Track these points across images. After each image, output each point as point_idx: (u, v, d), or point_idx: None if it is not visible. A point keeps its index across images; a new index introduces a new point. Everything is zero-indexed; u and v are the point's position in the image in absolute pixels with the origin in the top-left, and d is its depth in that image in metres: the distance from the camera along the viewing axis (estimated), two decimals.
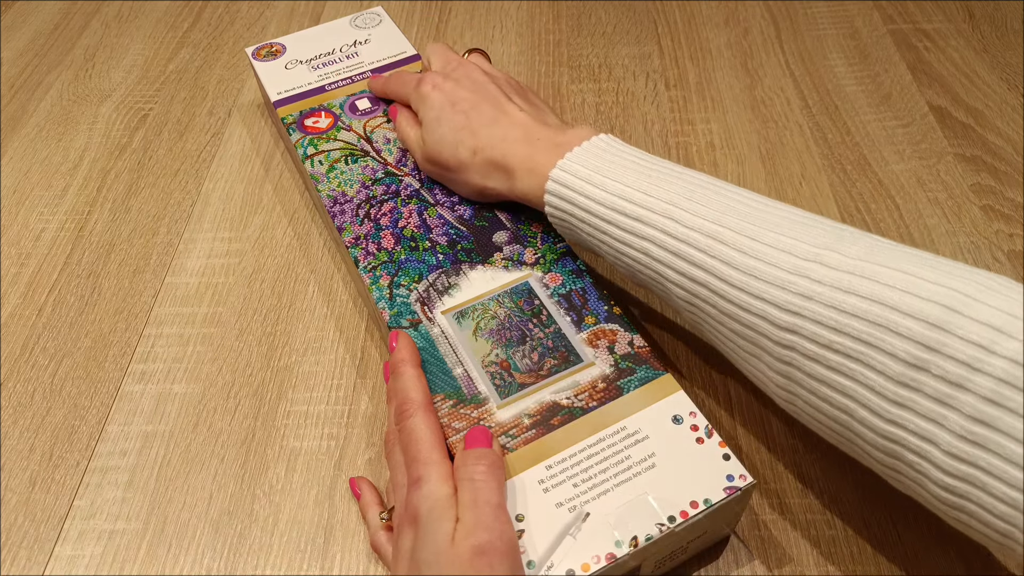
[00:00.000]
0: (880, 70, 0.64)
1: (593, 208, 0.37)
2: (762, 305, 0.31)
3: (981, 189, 0.54)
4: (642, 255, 0.36)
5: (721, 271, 0.33)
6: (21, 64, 0.69)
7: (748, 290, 0.32)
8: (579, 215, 0.38)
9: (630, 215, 0.36)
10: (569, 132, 0.41)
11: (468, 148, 0.42)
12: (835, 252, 0.31)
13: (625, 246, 0.37)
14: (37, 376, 0.47)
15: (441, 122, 0.44)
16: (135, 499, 0.41)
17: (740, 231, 0.33)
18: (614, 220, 0.37)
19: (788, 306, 0.31)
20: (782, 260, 0.31)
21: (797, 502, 0.40)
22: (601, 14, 0.71)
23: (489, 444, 0.34)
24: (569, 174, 0.38)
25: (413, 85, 0.47)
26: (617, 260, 0.38)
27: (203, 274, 0.51)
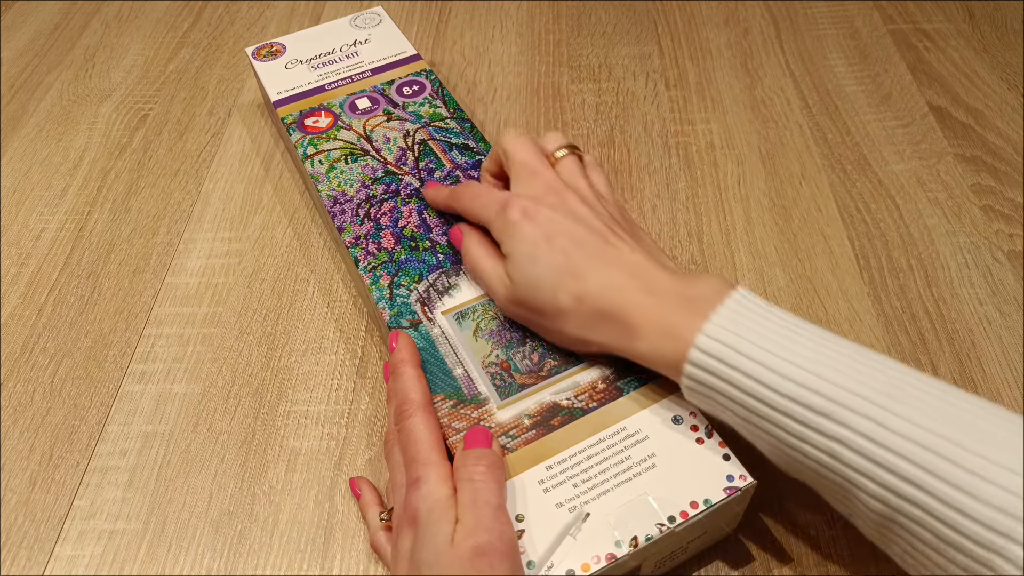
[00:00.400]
0: (880, 70, 0.64)
1: (757, 391, 0.31)
2: (971, 525, 0.27)
3: (981, 189, 0.54)
4: (825, 456, 0.30)
5: (935, 488, 0.27)
6: (21, 64, 0.69)
7: (963, 509, 0.27)
8: (734, 395, 0.31)
9: (815, 408, 0.29)
10: (697, 283, 0.34)
11: (571, 294, 0.35)
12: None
13: (800, 441, 0.30)
14: (37, 376, 0.46)
15: (537, 261, 0.36)
16: (135, 499, 0.41)
17: (956, 441, 0.28)
18: (789, 411, 0.30)
19: (997, 526, 0.27)
20: (1001, 477, 0.27)
21: (797, 502, 0.40)
22: (601, 14, 0.71)
23: (489, 444, 0.34)
24: (722, 343, 0.31)
25: (496, 208, 0.39)
26: (778, 451, 0.32)
27: (203, 274, 0.51)
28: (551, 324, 0.37)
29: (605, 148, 0.58)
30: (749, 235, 0.52)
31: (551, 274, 0.36)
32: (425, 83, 0.55)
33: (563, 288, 0.35)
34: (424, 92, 0.54)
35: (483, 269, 0.40)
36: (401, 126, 0.52)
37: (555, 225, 0.37)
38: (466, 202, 0.42)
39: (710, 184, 0.56)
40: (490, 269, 0.39)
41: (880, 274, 0.50)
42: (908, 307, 0.48)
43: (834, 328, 0.47)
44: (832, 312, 0.48)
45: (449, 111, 0.52)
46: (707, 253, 0.51)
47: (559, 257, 0.36)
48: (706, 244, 0.52)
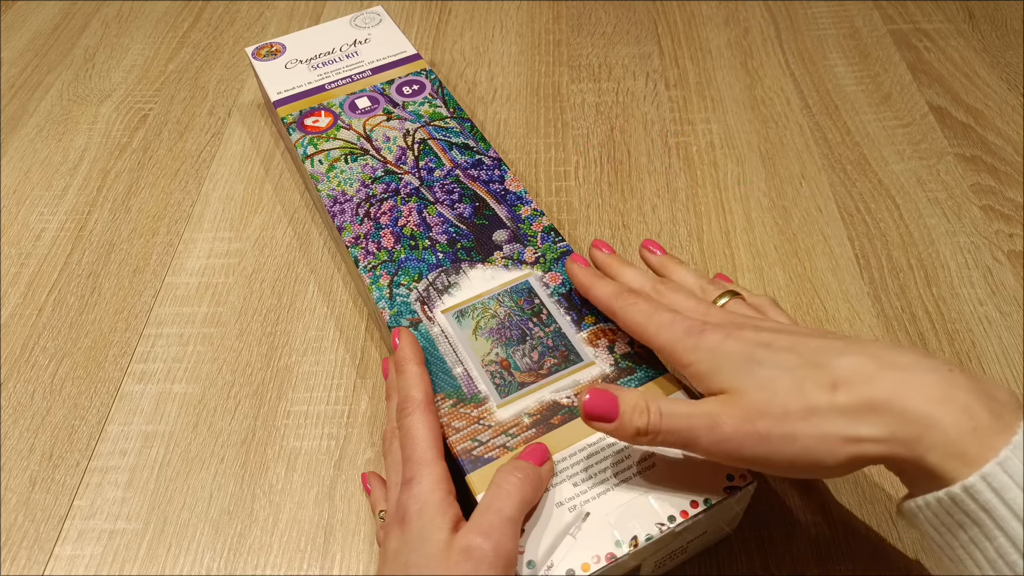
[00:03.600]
0: (880, 70, 0.64)
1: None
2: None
3: (981, 189, 0.54)
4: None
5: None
6: (21, 64, 0.69)
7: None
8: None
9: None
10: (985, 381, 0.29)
11: (819, 383, 0.29)
12: None
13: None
14: (37, 376, 0.46)
15: (762, 362, 0.31)
16: (135, 499, 0.41)
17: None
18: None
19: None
20: None
21: (797, 502, 0.40)
22: (601, 14, 0.71)
23: (539, 462, 0.33)
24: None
25: (682, 330, 0.33)
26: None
27: (203, 274, 0.51)
28: (800, 428, 0.29)
29: (605, 148, 0.58)
30: (749, 235, 0.52)
31: (784, 373, 0.30)
32: (425, 83, 0.55)
33: (809, 380, 0.29)
34: (424, 92, 0.54)
35: (678, 412, 0.31)
36: (401, 125, 0.52)
37: (765, 336, 0.32)
38: (637, 316, 0.35)
39: (710, 184, 0.56)
40: (691, 407, 0.31)
41: (880, 274, 0.50)
42: (908, 307, 0.48)
43: (834, 328, 0.47)
44: (832, 312, 0.48)
45: (449, 111, 0.52)
46: (707, 253, 0.51)
47: (786, 356, 0.31)
48: (706, 244, 0.52)
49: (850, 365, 0.29)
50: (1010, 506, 0.26)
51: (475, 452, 0.35)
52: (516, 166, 0.57)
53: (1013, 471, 0.26)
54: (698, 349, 0.32)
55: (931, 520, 0.28)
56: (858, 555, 0.38)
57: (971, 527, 0.27)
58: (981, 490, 0.26)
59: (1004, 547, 0.26)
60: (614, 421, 0.32)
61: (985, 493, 0.26)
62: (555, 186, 0.56)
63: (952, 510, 0.27)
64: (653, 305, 0.35)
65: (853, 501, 0.40)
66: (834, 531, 0.39)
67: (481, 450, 0.35)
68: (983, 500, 0.26)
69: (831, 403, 0.29)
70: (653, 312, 0.35)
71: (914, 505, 0.29)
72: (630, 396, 0.32)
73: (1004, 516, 0.26)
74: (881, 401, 0.28)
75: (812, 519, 0.39)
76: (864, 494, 0.40)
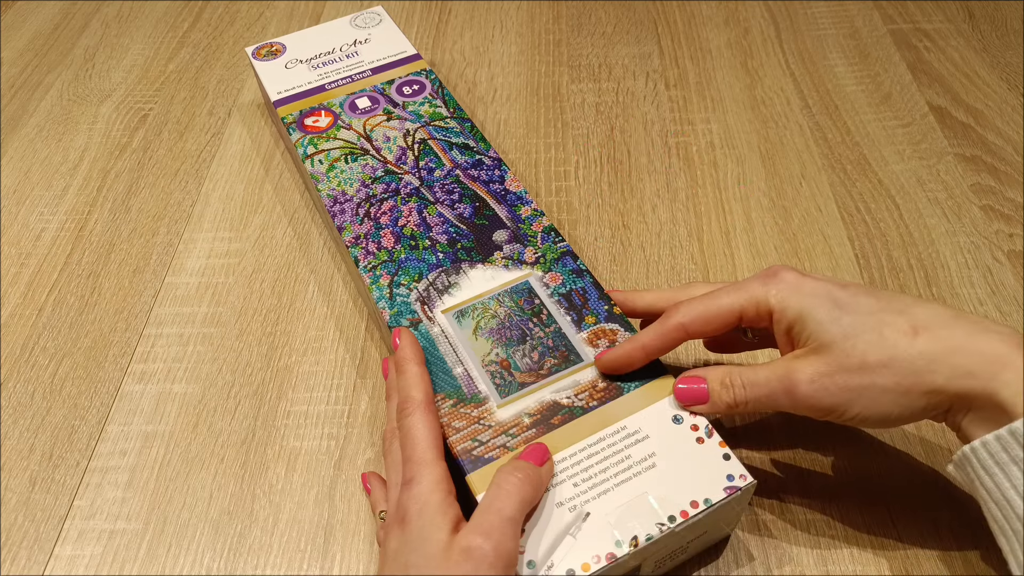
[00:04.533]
0: (880, 70, 0.64)
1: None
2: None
3: (981, 189, 0.54)
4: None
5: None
6: (21, 64, 0.69)
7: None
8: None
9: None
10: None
11: (901, 330, 0.31)
12: None
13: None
14: (37, 376, 0.46)
15: (845, 308, 0.33)
16: (135, 499, 0.41)
17: None
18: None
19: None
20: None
21: (797, 502, 0.40)
22: (601, 14, 0.71)
23: (540, 462, 0.34)
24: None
25: (758, 279, 0.35)
26: None
27: (203, 274, 0.51)
28: (878, 378, 0.31)
29: (605, 148, 0.58)
30: (749, 235, 0.52)
31: (866, 317, 0.32)
32: (425, 83, 0.55)
33: (890, 325, 0.31)
34: (424, 92, 0.54)
35: (757, 380, 0.34)
36: (401, 125, 0.52)
37: (836, 281, 0.34)
38: (721, 303, 0.36)
39: (710, 184, 0.56)
40: (768, 371, 0.34)
41: (880, 274, 0.50)
42: None
43: None
44: None
45: (449, 111, 0.52)
46: (707, 253, 0.51)
47: (866, 299, 0.33)
48: (706, 244, 0.52)
49: (929, 312, 0.32)
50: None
51: (475, 452, 0.35)
52: (516, 166, 0.57)
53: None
54: (780, 295, 0.34)
55: (985, 461, 0.30)
56: (858, 555, 0.38)
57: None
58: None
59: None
60: (707, 402, 0.35)
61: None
62: (555, 186, 0.56)
63: (1010, 445, 0.29)
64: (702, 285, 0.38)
65: (853, 501, 0.40)
66: (834, 531, 0.39)
67: (481, 450, 0.35)
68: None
69: (911, 346, 0.31)
70: (707, 290, 0.37)
71: (970, 448, 0.31)
72: (715, 374, 0.35)
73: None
74: (961, 344, 0.30)
75: (812, 519, 0.39)
76: (865, 494, 0.40)
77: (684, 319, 0.36)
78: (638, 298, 0.40)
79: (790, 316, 0.34)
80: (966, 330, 0.31)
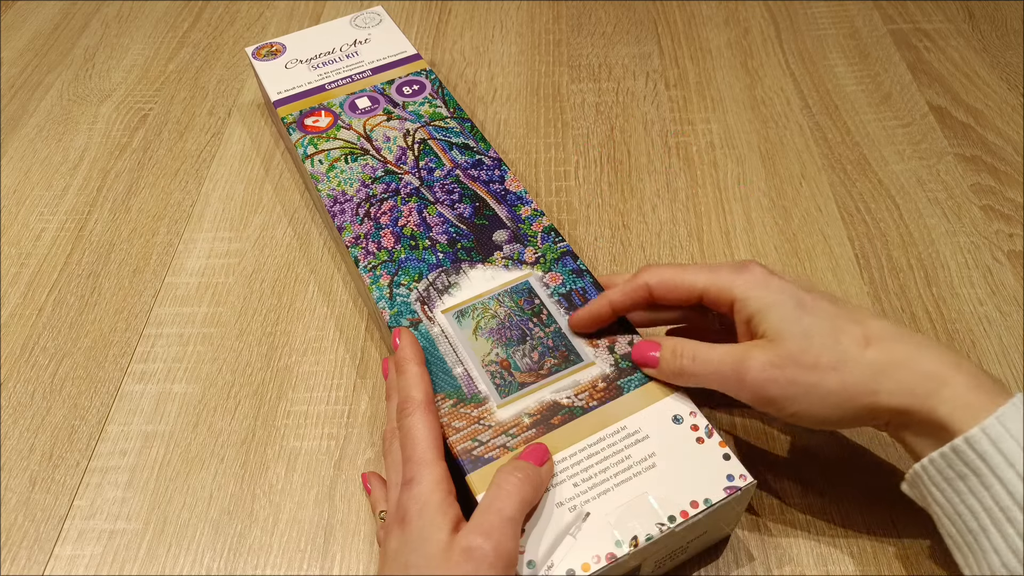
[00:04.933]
0: (880, 70, 0.64)
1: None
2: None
3: (981, 189, 0.54)
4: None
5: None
6: (21, 64, 0.69)
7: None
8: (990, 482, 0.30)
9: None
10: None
11: (854, 338, 0.33)
12: None
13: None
14: (37, 376, 0.46)
15: (805, 307, 0.34)
16: (135, 499, 0.41)
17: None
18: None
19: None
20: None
21: (797, 502, 0.40)
22: (601, 14, 0.71)
23: (540, 462, 0.34)
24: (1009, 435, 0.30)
25: (730, 268, 0.36)
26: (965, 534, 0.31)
27: (203, 274, 0.51)
28: (826, 379, 0.32)
29: (605, 148, 0.58)
30: (749, 235, 0.52)
31: (824, 321, 0.33)
32: (425, 83, 0.55)
33: (845, 332, 0.33)
34: (424, 92, 0.54)
35: (710, 358, 0.35)
36: (401, 125, 0.52)
37: (801, 285, 0.35)
38: (688, 275, 0.37)
39: (710, 184, 0.56)
40: (722, 352, 0.35)
41: (880, 274, 0.50)
42: (908, 307, 0.48)
43: None
44: None
45: (449, 111, 0.52)
46: (707, 253, 0.51)
47: (827, 305, 0.34)
48: (706, 244, 0.52)
49: (881, 326, 0.33)
50: (1006, 456, 0.29)
51: (475, 452, 0.35)
52: (516, 166, 0.57)
53: (1010, 425, 0.29)
54: (747, 279, 0.35)
55: (934, 478, 0.31)
56: (858, 555, 0.38)
57: (970, 477, 0.30)
58: (979, 439, 0.30)
59: (1000, 495, 0.29)
60: (656, 366, 0.37)
61: (983, 443, 0.29)
62: (555, 186, 0.56)
63: (954, 462, 0.30)
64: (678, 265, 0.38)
65: (853, 501, 0.40)
66: (834, 531, 0.39)
67: (481, 450, 0.35)
68: (981, 450, 0.30)
69: (862, 356, 0.32)
70: (681, 267, 0.38)
71: (919, 466, 0.32)
72: (670, 342, 0.36)
73: (999, 464, 0.29)
74: (905, 359, 0.32)
75: (812, 519, 0.39)
76: (865, 494, 0.40)
77: (651, 280, 0.37)
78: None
79: (752, 307, 0.35)
80: (911, 347, 0.32)
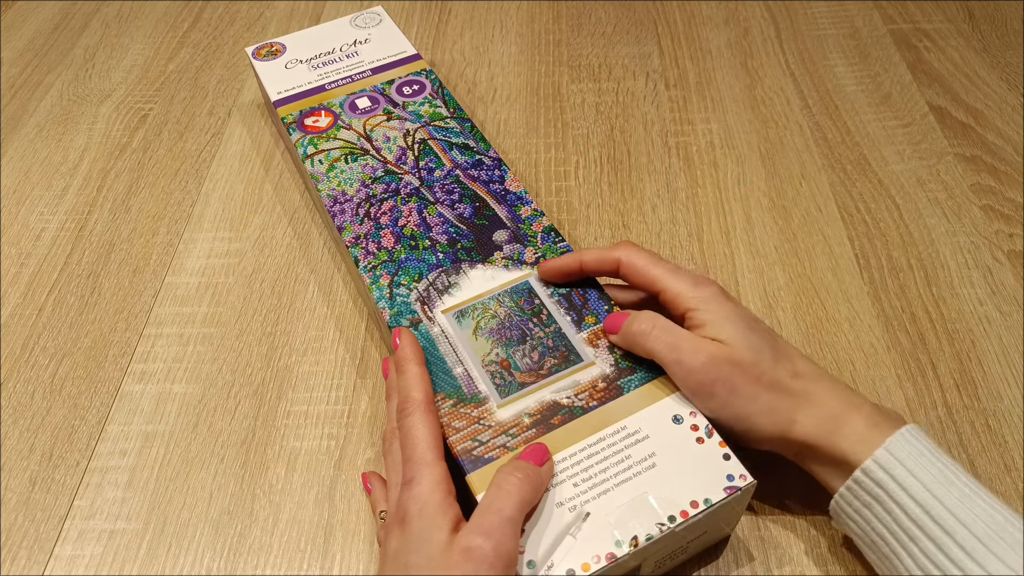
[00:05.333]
0: (880, 70, 0.64)
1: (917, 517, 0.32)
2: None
3: (981, 189, 0.54)
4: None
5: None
6: (21, 64, 0.69)
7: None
8: (895, 514, 0.32)
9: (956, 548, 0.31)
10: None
11: (788, 371, 0.36)
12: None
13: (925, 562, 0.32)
14: (37, 376, 0.46)
15: (754, 330, 0.36)
16: (135, 499, 0.41)
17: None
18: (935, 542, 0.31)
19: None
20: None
21: (797, 502, 0.40)
22: (601, 14, 0.71)
23: (540, 462, 0.34)
24: (903, 468, 0.33)
25: (689, 282, 0.38)
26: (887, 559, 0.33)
27: (203, 274, 0.51)
28: (762, 395, 0.35)
29: (605, 148, 0.58)
30: (749, 235, 0.52)
31: (767, 347, 0.36)
32: (425, 83, 0.55)
33: (780, 361, 0.36)
34: (424, 92, 0.54)
35: (679, 336, 0.36)
36: (401, 125, 0.52)
37: (749, 313, 0.38)
38: (655, 271, 0.39)
39: (710, 184, 0.56)
40: (687, 336, 0.36)
41: (880, 274, 0.50)
42: (908, 307, 0.48)
43: (834, 328, 0.47)
44: (832, 312, 0.48)
45: (449, 111, 0.52)
46: (707, 253, 0.51)
47: (768, 336, 0.37)
48: (706, 244, 0.52)
49: (805, 365, 0.36)
50: (898, 481, 0.32)
51: (475, 452, 0.35)
52: (516, 166, 0.57)
53: (898, 453, 0.33)
54: (704, 293, 0.37)
55: (846, 510, 0.34)
56: (858, 555, 0.38)
57: (874, 505, 0.33)
58: (874, 469, 0.33)
59: (900, 517, 0.32)
60: (617, 332, 0.38)
61: (878, 472, 0.33)
62: (555, 186, 0.56)
63: (858, 493, 0.33)
64: (648, 254, 0.40)
65: None
66: (834, 531, 0.39)
67: (481, 450, 0.35)
68: (877, 478, 0.33)
69: (790, 386, 0.35)
70: (651, 259, 0.40)
71: (834, 501, 0.35)
72: (638, 313, 0.38)
73: (894, 490, 0.32)
74: (817, 398, 0.35)
75: (812, 519, 0.39)
76: None
77: (623, 258, 0.40)
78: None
79: (706, 317, 0.37)
80: (822, 388, 0.35)
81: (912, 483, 0.32)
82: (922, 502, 0.32)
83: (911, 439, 0.33)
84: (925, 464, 0.32)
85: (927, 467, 0.32)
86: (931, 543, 0.31)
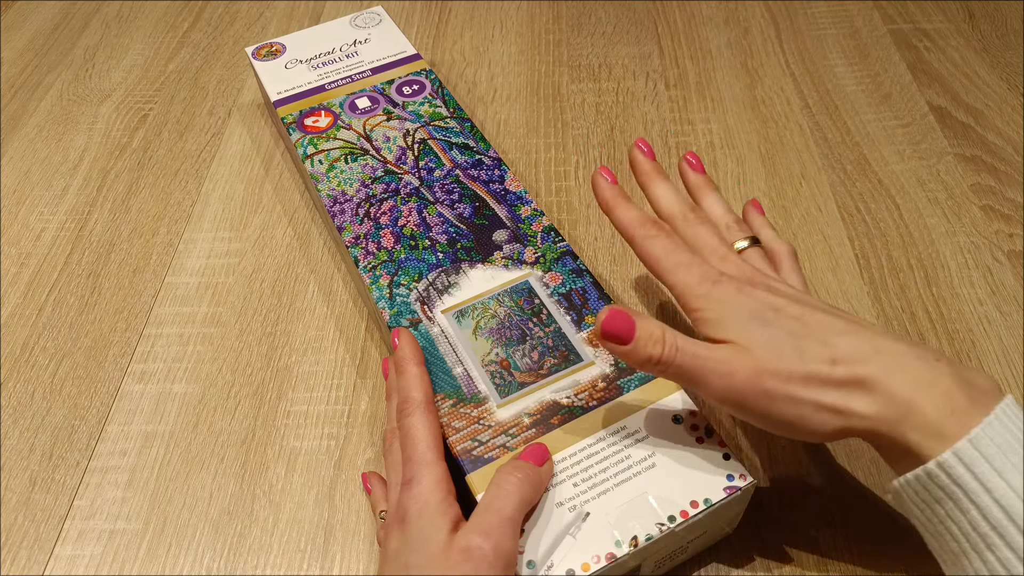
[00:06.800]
0: (880, 70, 0.64)
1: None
2: None
3: (981, 189, 0.54)
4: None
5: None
6: (21, 64, 0.69)
7: None
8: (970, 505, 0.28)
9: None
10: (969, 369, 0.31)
11: (821, 358, 0.30)
12: None
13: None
14: (37, 376, 0.46)
15: (770, 324, 0.32)
16: (135, 499, 0.41)
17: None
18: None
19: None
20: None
21: (797, 502, 0.40)
22: (601, 14, 0.71)
23: (539, 462, 0.34)
24: (985, 460, 0.28)
25: (698, 276, 0.33)
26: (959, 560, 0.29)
27: (203, 274, 0.51)
28: (801, 393, 0.30)
29: (605, 148, 0.58)
30: None
31: (788, 337, 0.31)
32: (425, 83, 0.55)
33: (811, 351, 0.31)
34: (424, 92, 0.54)
35: (703, 355, 0.32)
36: (401, 125, 0.52)
37: (776, 299, 0.32)
38: (656, 251, 0.35)
39: None
40: (706, 348, 0.32)
41: (880, 274, 0.50)
42: (908, 307, 0.48)
43: None
44: None
45: (449, 111, 0.52)
46: None
47: (794, 323, 0.31)
48: None
49: (849, 345, 0.31)
50: (980, 480, 0.27)
51: (475, 452, 0.35)
52: (516, 166, 0.57)
53: (984, 448, 0.27)
54: (710, 298, 0.33)
55: (913, 498, 0.30)
56: (858, 555, 0.38)
57: (946, 501, 0.28)
58: (953, 465, 0.28)
59: (976, 520, 0.28)
60: (628, 344, 0.32)
61: (957, 468, 0.28)
62: (555, 186, 0.56)
63: (929, 486, 0.29)
64: (673, 242, 0.35)
65: (853, 501, 0.40)
66: (834, 531, 0.39)
67: (481, 450, 0.35)
68: (955, 475, 0.28)
69: (829, 376, 0.30)
70: (672, 250, 0.34)
71: (898, 484, 0.30)
72: (648, 323, 0.32)
73: (975, 490, 0.27)
74: (872, 381, 0.30)
75: (812, 519, 0.39)
76: (864, 494, 0.40)
77: (644, 242, 0.35)
78: (623, 212, 0.37)
79: (710, 316, 0.33)
80: (882, 366, 0.30)
81: (998, 484, 0.27)
82: (1008, 507, 0.27)
83: (1001, 428, 0.28)
84: (1017, 461, 0.27)
85: (1019, 464, 0.27)
86: (1013, 554, 0.27)
